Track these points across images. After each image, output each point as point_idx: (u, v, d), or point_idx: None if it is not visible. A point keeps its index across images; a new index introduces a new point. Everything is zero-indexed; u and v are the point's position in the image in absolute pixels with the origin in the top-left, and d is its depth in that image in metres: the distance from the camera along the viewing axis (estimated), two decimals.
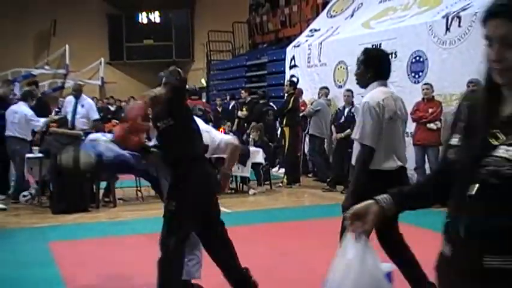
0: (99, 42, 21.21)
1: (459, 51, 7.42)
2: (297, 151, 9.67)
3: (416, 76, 8.15)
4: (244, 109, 11.37)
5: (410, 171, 6.21)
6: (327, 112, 9.43)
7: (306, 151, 10.00)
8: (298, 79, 10.74)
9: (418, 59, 8.14)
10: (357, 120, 3.54)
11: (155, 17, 22.16)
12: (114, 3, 21.58)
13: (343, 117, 8.68)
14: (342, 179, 8.56)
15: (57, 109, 12.86)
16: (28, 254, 5.04)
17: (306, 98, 10.38)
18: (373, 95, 3.38)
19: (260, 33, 16.64)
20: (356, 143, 3.50)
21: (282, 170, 9.84)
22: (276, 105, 10.58)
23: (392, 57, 7.71)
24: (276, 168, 10.55)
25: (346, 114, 8.66)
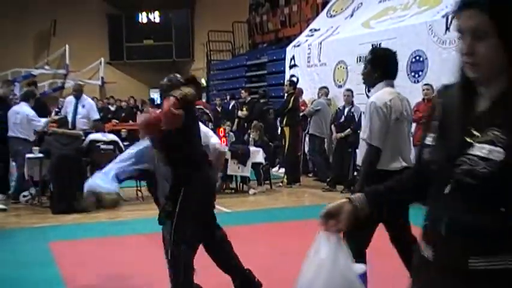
0: (99, 42, 21.21)
1: None
2: (297, 151, 9.68)
3: (416, 76, 8.15)
4: (244, 109, 11.37)
5: None
6: (327, 112, 9.43)
7: (306, 151, 10.00)
8: (298, 79, 10.74)
9: (418, 58, 8.14)
10: (363, 120, 3.52)
11: (155, 16, 22.16)
12: (114, 3, 21.58)
13: (343, 117, 8.68)
14: (342, 179, 8.57)
15: (57, 109, 12.87)
16: (28, 254, 5.05)
17: (306, 97, 10.39)
18: (379, 96, 3.36)
19: (260, 33, 16.64)
20: (362, 143, 3.48)
21: (282, 170, 9.85)
22: (276, 105, 10.58)
23: None
24: (276, 168, 10.56)
25: (346, 114, 8.66)
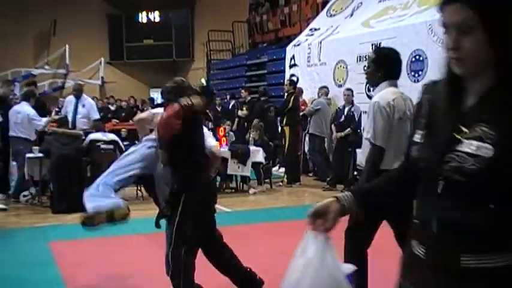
0: (99, 42, 21.21)
1: None
2: (297, 150, 9.67)
3: (416, 75, 8.15)
4: (244, 108, 11.37)
5: None
6: (327, 111, 9.43)
7: (306, 150, 10.00)
8: (298, 78, 10.74)
9: (418, 58, 8.14)
10: (363, 120, 3.51)
11: (155, 16, 22.15)
12: (114, 3, 21.58)
13: (343, 117, 8.68)
14: (342, 178, 8.57)
15: (57, 109, 12.87)
16: (28, 254, 5.05)
17: (306, 97, 10.38)
18: (383, 95, 3.35)
19: (260, 32, 16.64)
20: (365, 143, 3.48)
21: (282, 169, 9.85)
22: (276, 104, 10.58)
23: None
24: (276, 167, 10.56)
25: (346, 114, 8.66)
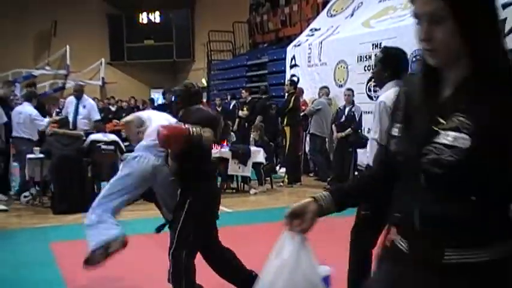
0: (100, 43, 21.23)
1: None
2: (297, 150, 9.67)
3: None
4: (245, 108, 11.36)
5: None
6: (327, 111, 9.42)
7: (307, 150, 10.00)
8: (298, 78, 10.74)
9: (418, 58, 8.12)
10: (373, 120, 3.49)
11: (155, 17, 22.17)
12: (114, 4, 21.59)
13: (344, 117, 8.67)
14: (343, 178, 8.55)
15: (57, 109, 12.89)
16: (29, 254, 5.05)
17: (307, 97, 10.38)
18: (389, 95, 3.33)
19: (260, 32, 16.64)
20: (372, 143, 3.47)
21: (283, 170, 9.85)
22: (277, 104, 10.59)
23: None
24: (277, 167, 10.55)
25: (346, 114, 8.65)
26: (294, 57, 11.58)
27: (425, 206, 1.26)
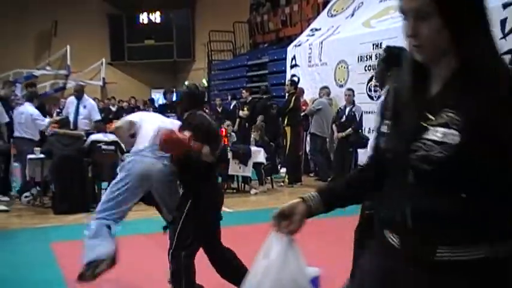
0: (100, 43, 21.24)
1: None
2: (298, 150, 9.67)
3: None
4: (245, 109, 11.36)
5: None
6: (328, 111, 9.42)
7: (308, 150, 10.00)
8: (299, 78, 10.73)
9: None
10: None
11: (156, 17, 22.18)
12: (114, 4, 21.60)
13: (344, 117, 8.67)
14: None
15: (58, 110, 12.89)
16: (30, 255, 5.06)
17: (307, 97, 10.38)
18: None
19: (261, 32, 16.64)
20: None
21: (284, 170, 9.84)
22: (278, 104, 10.58)
23: None
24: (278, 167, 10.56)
25: (347, 114, 8.65)
26: (294, 57, 11.58)
27: (417, 202, 1.25)
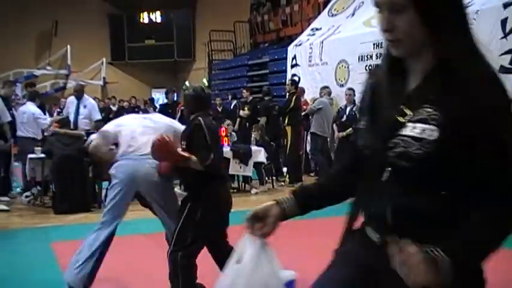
0: (101, 43, 21.24)
1: None
2: (299, 150, 9.67)
3: None
4: (246, 108, 11.35)
5: None
6: (329, 111, 9.41)
7: (308, 150, 9.99)
8: (299, 78, 10.73)
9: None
10: None
11: (156, 16, 22.19)
12: (115, 3, 21.59)
13: (345, 116, 8.68)
14: None
15: (58, 109, 12.89)
16: (30, 254, 5.05)
17: (308, 97, 10.38)
18: None
19: (261, 32, 16.64)
20: None
21: (284, 169, 9.84)
22: (279, 104, 10.58)
23: None
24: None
25: (348, 113, 8.66)
26: (295, 57, 11.58)
27: (397, 200, 1.23)
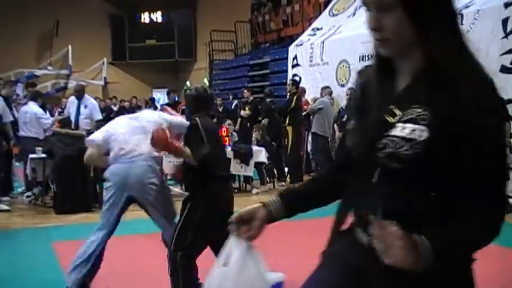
0: (102, 43, 21.24)
1: None
2: (300, 150, 9.66)
3: None
4: (246, 108, 11.36)
5: None
6: (330, 111, 9.41)
7: (309, 150, 9.99)
8: (300, 78, 10.73)
9: None
10: None
11: (157, 17, 22.18)
12: (116, 4, 21.60)
13: (346, 116, 8.67)
14: None
15: (60, 109, 12.89)
16: (31, 254, 5.06)
17: (309, 97, 10.38)
18: None
19: (262, 32, 16.63)
20: None
21: (285, 169, 9.83)
22: (280, 104, 10.58)
23: None
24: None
25: None
26: (295, 57, 11.58)
27: (386, 201, 1.21)
